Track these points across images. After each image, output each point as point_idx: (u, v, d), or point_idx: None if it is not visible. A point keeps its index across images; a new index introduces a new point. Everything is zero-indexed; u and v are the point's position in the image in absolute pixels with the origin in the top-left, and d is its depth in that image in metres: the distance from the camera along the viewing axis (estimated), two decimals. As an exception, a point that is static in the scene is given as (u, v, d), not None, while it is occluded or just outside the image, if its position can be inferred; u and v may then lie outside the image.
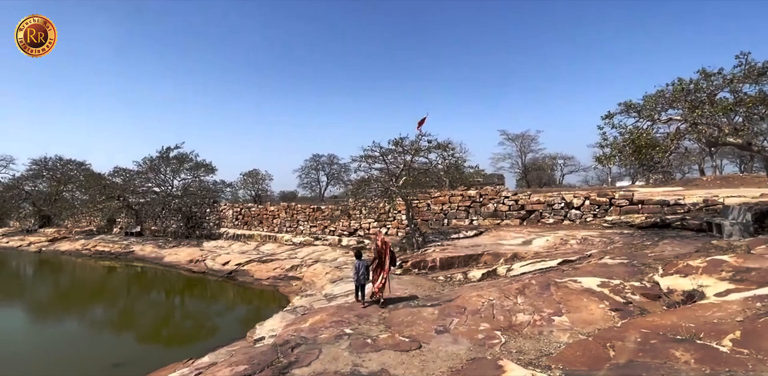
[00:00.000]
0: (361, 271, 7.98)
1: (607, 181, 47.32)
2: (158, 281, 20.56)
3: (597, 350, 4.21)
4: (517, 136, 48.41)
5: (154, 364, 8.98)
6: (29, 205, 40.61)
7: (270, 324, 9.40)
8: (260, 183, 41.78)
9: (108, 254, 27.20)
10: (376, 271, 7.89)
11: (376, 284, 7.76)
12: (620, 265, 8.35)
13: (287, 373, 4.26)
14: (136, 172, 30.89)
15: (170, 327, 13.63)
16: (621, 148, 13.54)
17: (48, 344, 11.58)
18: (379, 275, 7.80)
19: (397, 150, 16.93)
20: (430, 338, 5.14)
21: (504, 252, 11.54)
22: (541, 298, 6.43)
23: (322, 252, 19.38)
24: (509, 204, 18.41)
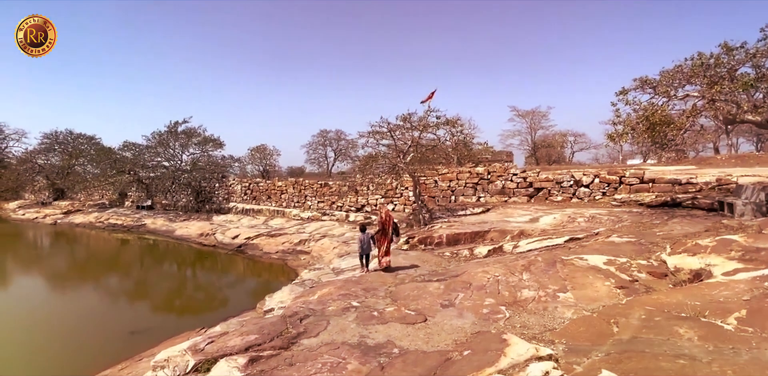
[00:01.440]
0: (365, 243, 8.76)
1: (618, 159, 46.61)
2: (170, 254, 21.10)
3: (601, 326, 4.27)
4: (527, 112, 47.40)
5: (168, 332, 9.36)
6: (43, 178, 41.31)
7: (279, 296, 9.66)
8: (268, 158, 41.83)
9: (121, 226, 27.85)
10: (380, 240, 8.71)
11: (381, 252, 8.66)
12: (628, 243, 8.34)
13: (296, 343, 4.39)
14: (146, 147, 31.09)
15: (183, 298, 14.10)
16: (634, 126, 13.21)
17: (67, 312, 12.08)
18: (383, 244, 8.67)
19: (405, 126, 16.70)
20: (435, 312, 5.24)
21: (511, 229, 11.56)
22: (546, 275, 6.48)
23: (330, 227, 19.61)
24: (517, 181, 18.27)
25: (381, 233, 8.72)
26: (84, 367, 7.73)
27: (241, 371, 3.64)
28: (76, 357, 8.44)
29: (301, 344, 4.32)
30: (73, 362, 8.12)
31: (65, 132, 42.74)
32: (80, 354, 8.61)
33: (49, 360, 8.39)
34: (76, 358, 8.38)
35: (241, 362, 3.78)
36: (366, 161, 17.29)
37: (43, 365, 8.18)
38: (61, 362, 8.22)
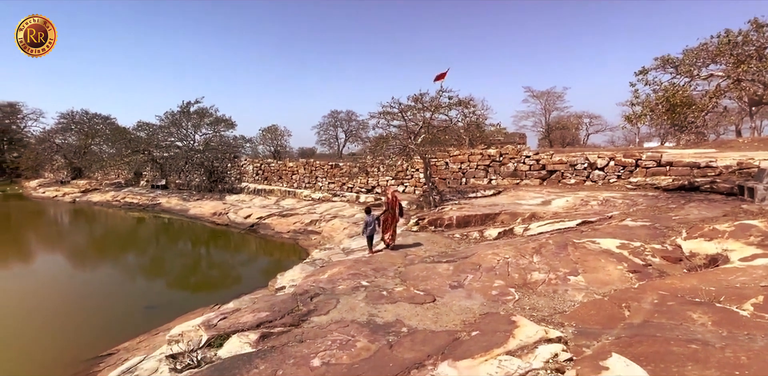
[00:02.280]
0: (370, 225, 8.96)
1: (635, 141, 45.41)
2: (184, 232, 21.55)
3: (612, 309, 4.23)
4: (542, 93, 46.13)
5: (183, 308, 9.65)
6: (61, 157, 42.14)
7: (290, 275, 9.82)
8: (279, 139, 41.84)
9: (136, 205, 28.43)
10: (387, 221, 8.91)
11: (387, 232, 8.92)
12: (642, 227, 8.20)
13: (306, 320, 4.47)
14: (159, 127, 31.32)
15: (197, 275, 14.46)
16: (653, 107, 12.78)
17: (87, 287, 12.52)
18: (390, 224, 8.91)
19: (416, 107, 16.41)
20: (444, 293, 5.26)
21: (522, 212, 11.45)
22: (557, 257, 6.42)
23: (340, 208, 19.71)
24: (530, 164, 17.99)
25: (389, 214, 8.89)
26: (104, 340, 8.05)
27: (252, 346, 3.72)
28: (96, 330, 8.78)
29: (311, 322, 4.39)
30: (93, 335, 8.45)
31: (81, 112, 43.30)
32: (100, 328, 8.96)
33: (71, 333, 8.76)
34: (97, 331, 8.72)
35: (252, 338, 3.86)
36: (377, 142, 17.14)
37: (66, 337, 8.54)
38: (82, 335, 8.58)
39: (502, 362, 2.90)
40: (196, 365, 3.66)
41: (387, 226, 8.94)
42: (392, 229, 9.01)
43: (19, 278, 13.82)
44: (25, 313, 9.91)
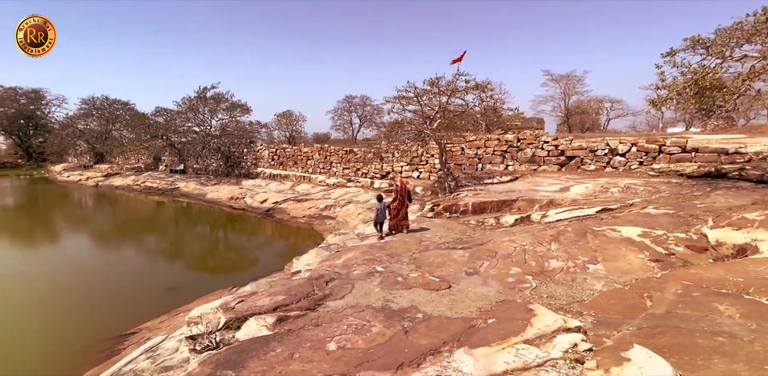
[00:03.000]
0: (381, 211, 9.32)
1: (658, 127, 43.88)
2: (203, 216, 21.99)
3: (633, 299, 4.13)
4: (561, 76, 44.72)
5: (202, 289, 9.91)
6: (84, 142, 43.20)
7: (306, 259, 9.95)
8: (294, 124, 41.85)
9: (156, 189, 29.06)
10: (397, 207, 9.22)
11: (397, 217, 9.24)
12: (665, 215, 7.96)
13: (322, 304, 4.50)
14: (177, 112, 31.67)
15: (215, 258, 14.80)
16: (680, 91, 12.23)
17: (111, 267, 12.95)
18: (400, 210, 9.23)
19: (432, 91, 16.10)
20: (459, 279, 5.23)
21: (539, 198, 11.25)
22: (576, 245, 6.30)
23: (355, 193, 19.75)
24: (548, 149, 17.58)
25: (398, 201, 9.22)
26: (128, 319, 8.34)
27: (269, 329, 3.77)
28: (120, 310, 9.11)
29: (327, 306, 4.43)
30: (118, 314, 8.78)
31: (101, 98, 44.09)
32: (124, 307, 9.29)
33: (97, 311, 9.10)
34: (121, 310, 9.05)
35: (269, 321, 3.91)
36: (391, 128, 16.97)
37: (93, 315, 8.89)
38: (107, 314, 8.91)
39: (520, 351, 2.86)
40: (215, 346, 3.74)
41: (397, 213, 9.25)
42: (401, 215, 9.31)
43: (48, 258, 14.39)
44: (56, 291, 10.33)
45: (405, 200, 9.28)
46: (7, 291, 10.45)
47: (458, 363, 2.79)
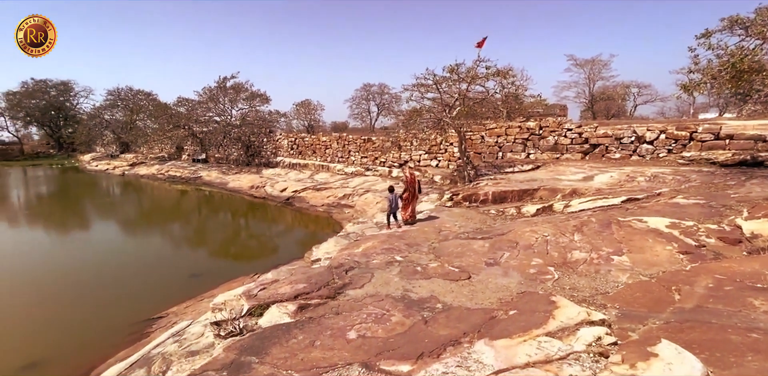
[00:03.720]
0: (393, 202, 9.54)
1: (689, 113, 41.97)
2: (225, 204, 22.46)
3: (660, 292, 4.01)
4: (586, 61, 43.02)
5: (224, 276, 10.16)
6: (110, 132, 44.52)
7: (325, 247, 10.06)
8: (312, 113, 41.97)
9: (179, 178, 29.79)
10: (408, 199, 9.44)
11: (408, 209, 9.50)
12: (695, 205, 7.66)
13: (342, 293, 4.55)
14: (198, 102, 32.15)
15: (237, 245, 15.13)
16: (715, 74, 11.63)
17: (138, 253, 13.42)
18: (410, 202, 9.48)
19: (452, 78, 15.76)
20: (479, 270, 5.18)
21: (562, 188, 11.00)
22: (600, 236, 6.14)
23: (373, 182, 19.76)
24: (572, 137, 17.09)
25: (409, 192, 9.45)
26: (154, 303, 8.65)
27: (291, 317, 3.84)
28: (148, 295, 9.45)
29: (346, 295, 4.47)
30: (145, 299, 9.11)
31: (126, 88, 45.18)
32: (151, 292, 9.63)
33: (126, 296, 9.47)
34: (148, 295, 9.39)
35: (291, 309, 3.98)
36: (410, 116, 16.77)
37: (122, 300, 9.26)
38: (136, 299, 9.26)
39: (542, 344, 2.81)
40: (238, 332, 3.83)
41: (407, 204, 9.52)
42: (411, 206, 9.59)
43: (81, 244, 15.03)
44: (87, 275, 10.80)
45: (415, 191, 9.55)
46: (43, 274, 10.97)
47: (479, 354, 2.77)
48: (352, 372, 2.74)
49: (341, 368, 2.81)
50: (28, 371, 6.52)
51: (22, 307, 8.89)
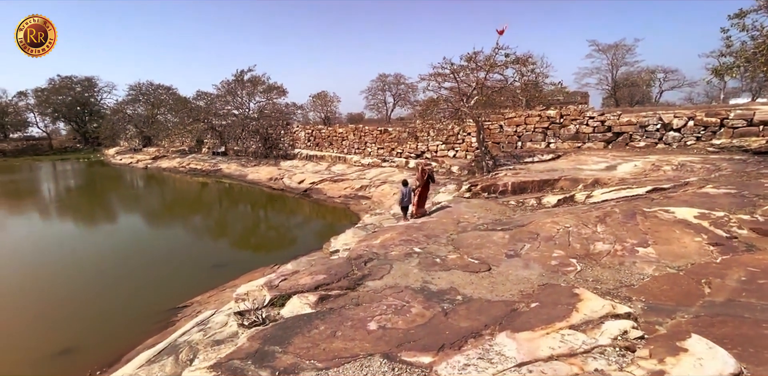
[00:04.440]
0: (405, 196, 9.74)
1: (719, 98, 40.13)
2: (244, 196, 22.84)
3: (688, 285, 3.89)
4: (609, 46, 41.35)
5: (245, 266, 10.38)
6: (132, 127, 45.64)
7: (343, 239, 10.14)
8: (329, 105, 41.96)
9: (200, 171, 30.39)
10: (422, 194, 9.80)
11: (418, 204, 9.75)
12: (726, 195, 7.37)
13: (362, 284, 4.58)
14: (216, 96, 32.59)
15: (257, 236, 15.41)
16: (749, 57, 11.07)
17: (162, 244, 13.82)
18: (421, 197, 9.80)
19: (469, 66, 15.45)
20: (499, 262, 5.13)
21: (584, 178, 10.74)
22: (624, 227, 5.98)
23: (390, 174, 19.73)
24: (594, 125, 16.62)
25: (422, 187, 9.80)
26: (179, 293, 8.93)
27: (312, 307, 3.89)
28: (173, 284, 9.76)
29: (366, 286, 4.49)
30: (170, 289, 9.41)
31: (146, 83, 46.10)
32: (176, 282, 9.93)
33: (152, 285, 9.80)
34: (173, 285, 9.69)
35: (311, 300, 4.03)
36: (427, 106, 16.56)
37: (149, 289, 9.58)
38: (162, 288, 9.57)
39: (565, 337, 2.77)
40: (261, 322, 3.91)
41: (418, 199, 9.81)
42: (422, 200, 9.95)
43: (108, 234, 15.57)
44: (114, 266, 11.20)
45: (428, 185, 9.94)
46: (74, 264, 11.44)
47: (500, 347, 2.75)
48: (373, 363, 2.76)
49: (363, 358, 2.83)
50: (63, 356, 6.85)
51: (55, 296, 9.30)
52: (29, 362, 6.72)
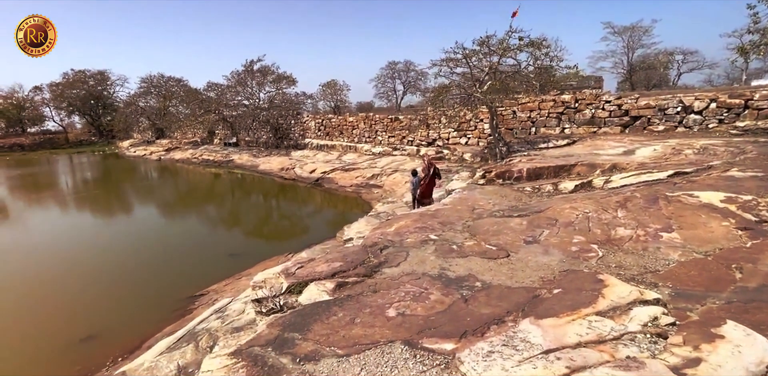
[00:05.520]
0: (415, 186, 10.21)
1: (741, 79, 38.67)
2: (256, 186, 22.99)
3: (718, 270, 3.75)
4: (625, 28, 40.04)
5: (260, 255, 10.47)
6: (145, 119, 46.09)
7: (356, 227, 10.12)
8: (339, 94, 41.71)
9: (212, 162, 30.63)
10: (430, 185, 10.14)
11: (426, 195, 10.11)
12: (753, 178, 7.10)
13: (378, 271, 4.53)
14: (226, 86, 32.62)
15: (270, 225, 15.52)
16: (778, 34, 10.56)
17: (178, 234, 14.01)
18: (426, 187, 10.14)
19: (482, 51, 15.11)
20: (518, 248, 5.03)
21: (601, 163, 10.47)
22: (646, 212, 5.80)
23: (401, 162, 19.60)
24: (610, 109, 16.19)
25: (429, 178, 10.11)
26: (196, 281, 9.06)
27: (329, 294, 3.86)
28: (189, 273, 9.90)
29: (383, 273, 4.44)
30: (186, 277, 9.54)
31: (158, 75, 46.35)
32: (192, 271, 10.07)
33: (169, 274, 9.96)
34: (190, 274, 9.83)
35: (329, 287, 4.00)
36: (438, 92, 16.29)
37: (166, 278, 9.74)
38: (177, 277, 9.72)
39: (593, 323, 2.68)
40: (279, 309, 3.90)
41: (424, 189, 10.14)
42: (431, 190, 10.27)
43: (125, 225, 15.85)
44: (132, 255, 11.40)
45: (434, 177, 10.13)
46: (93, 254, 11.68)
47: (525, 334, 2.67)
48: (394, 349, 2.71)
49: (383, 345, 2.79)
50: (87, 343, 7.02)
51: (76, 284, 9.52)
52: (54, 349, 6.91)
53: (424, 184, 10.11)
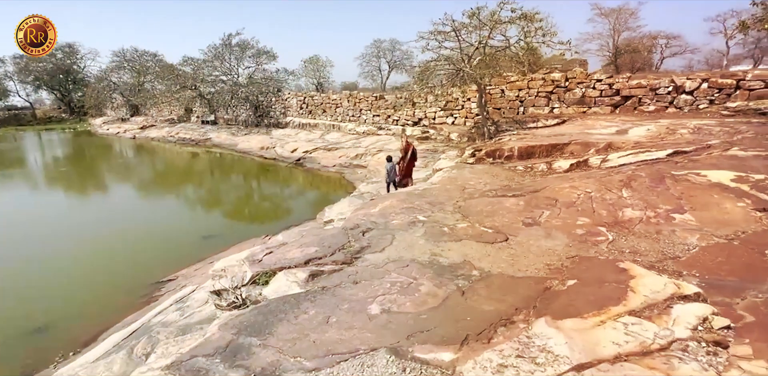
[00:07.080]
0: (391, 172, 9.79)
1: (721, 65, 38.63)
2: (235, 166, 21.97)
3: (748, 256, 3.28)
4: (612, 10, 39.19)
5: (237, 237, 9.78)
6: (119, 95, 43.63)
7: (338, 208, 9.49)
8: (321, 70, 40.10)
9: (189, 140, 29.23)
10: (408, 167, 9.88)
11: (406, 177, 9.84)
12: (756, 157, 6.71)
13: (360, 258, 3.95)
14: (203, 61, 30.88)
15: (249, 206, 14.74)
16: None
17: (151, 215, 13.15)
18: (405, 168, 9.87)
19: (472, 23, 14.25)
20: (517, 231, 4.49)
21: (595, 141, 10.01)
22: (653, 192, 5.33)
23: (386, 141, 18.90)
24: (601, 89, 15.67)
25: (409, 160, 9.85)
26: (166, 266, 8.35)
27: (301, 286, 3.25)
28: (159, 257, 9.15)
29: (365, 260, 3.86)
30: (157, 261, 8.81)
31: (131, 49, 43.71)
32: (163, 254, 9.32)
33: (138, 258, 9.20)
34: (160, 257, 9.08)
35: (300, 277, 3.39)
36: (426, 67, 15.42)
37: (135, 262, 8.98)
38: (147, 260, 8.97)
39: (629, 327, 2.15)
40: (241, 302, 3.29)
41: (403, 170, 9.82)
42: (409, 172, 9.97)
43: (96, 205, 14.86)
44: (101, 237, 10.55)
45: (412, 159, 9.91)
46: (58, 236, 10.78)
47: (543, 340, 2.12)
48: (378, 361, 2.13)
49: (364, 354, 2.20)
50: (39, 334, 6.32)
51: (39, 268, 8.71)
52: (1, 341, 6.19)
53: (402, 165, 9.83)
